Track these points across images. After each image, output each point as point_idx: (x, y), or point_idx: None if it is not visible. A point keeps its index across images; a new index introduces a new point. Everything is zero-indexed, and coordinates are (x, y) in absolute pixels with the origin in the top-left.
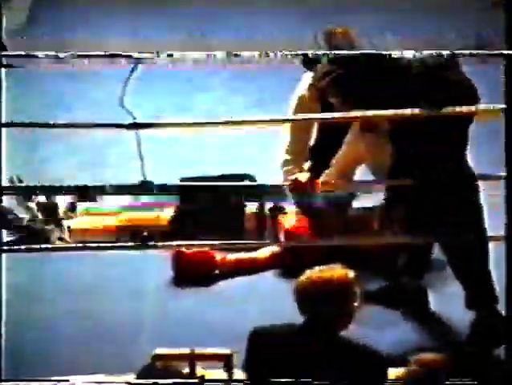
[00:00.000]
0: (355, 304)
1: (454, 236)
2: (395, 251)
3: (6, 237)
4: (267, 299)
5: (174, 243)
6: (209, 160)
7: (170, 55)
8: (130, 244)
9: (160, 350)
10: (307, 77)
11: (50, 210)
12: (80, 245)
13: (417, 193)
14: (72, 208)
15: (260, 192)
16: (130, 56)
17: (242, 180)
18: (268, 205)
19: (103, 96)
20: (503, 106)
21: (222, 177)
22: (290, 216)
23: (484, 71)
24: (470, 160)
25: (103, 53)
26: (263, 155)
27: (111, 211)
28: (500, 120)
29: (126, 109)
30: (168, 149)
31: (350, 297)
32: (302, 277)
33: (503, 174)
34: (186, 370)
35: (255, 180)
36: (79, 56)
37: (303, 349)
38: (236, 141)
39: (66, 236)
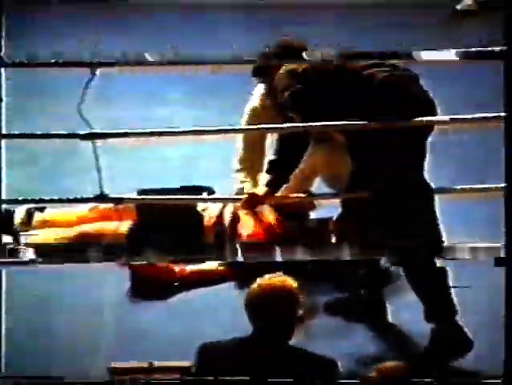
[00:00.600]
0: (300, 312)
1: (411, 249)
2: (353, 262)
3: None
4: (223, 311)
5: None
6: (168, 172)
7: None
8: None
9: (116, 364)
10: (259, 88)
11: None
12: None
13: (374, 205)
14: (28, 218)
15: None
16: (89, 64)
17: (201, 193)
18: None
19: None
20: (503, 114)
21: (181, 189)
22: (247, 221)
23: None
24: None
25: (60, 61)
26: (223, 167)
27: (69, 218)
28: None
29: (83, 118)
30: (126, 161)
31: (296, 304)
32: (251, 286)
33: (503, 185)
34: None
35: (214, 192)
36: (38, 65)
37: (252, 359)
38: (195, 153)
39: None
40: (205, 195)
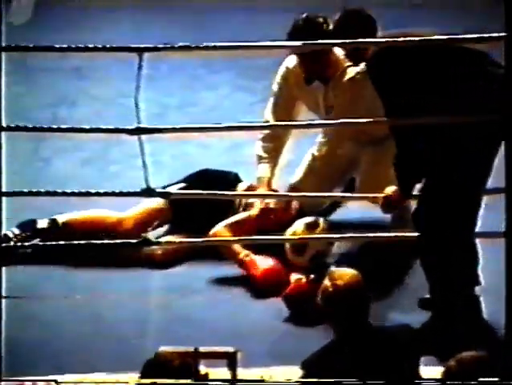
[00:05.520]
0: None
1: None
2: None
3: None
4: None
5: (178, 240)
6: (212, 160)
7: (175, 48)
8: (133, 241)
9: (164, 348)
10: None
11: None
12: (83, 242)
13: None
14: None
15: None
16: (136, 49)
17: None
18: None
19: (107, 92)
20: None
21: (204, 175)
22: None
23: None
24: None
25: (107, 45)
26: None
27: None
28: None
29: (138, 109)
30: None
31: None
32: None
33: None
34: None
35: (239, 180)
36: (82, 49)
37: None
38: (241, 141)
39: None
40: (241, 185)
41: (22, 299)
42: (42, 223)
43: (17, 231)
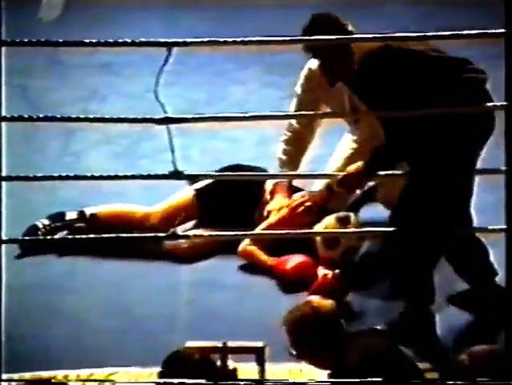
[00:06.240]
0: None
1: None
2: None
3: None
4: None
5: (206, 233)
6: (241, 155)
7: (203, 42)
8: (161, 234)
9: (191, 343)
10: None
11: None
12: (113, 235)
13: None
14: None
15: None
16: (165, 43)
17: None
18: None
19: (137, 88)
20: (504, 103)
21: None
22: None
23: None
24: None
25: (137, 40)
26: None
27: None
28: None
29: (159, 101)
30: (200, 140)
31: None
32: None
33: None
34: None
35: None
36: (111, 44)
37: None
38: (269, 136)
39: None
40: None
41: (50, 293)
42: (71, 215)
43: (46, 222)
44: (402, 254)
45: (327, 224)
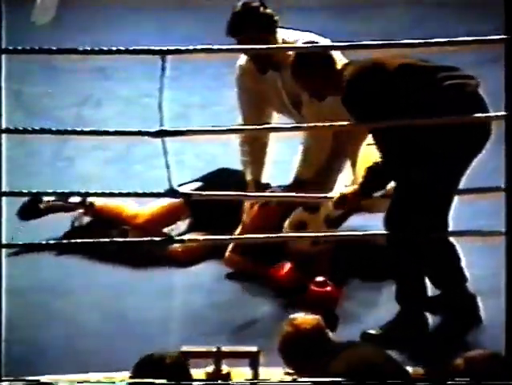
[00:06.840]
0: None
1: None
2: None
3: None
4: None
5: (201, 238)
6: (235, 159)
7: (197, 50)
8: (155, 238)
9: (186, 348)
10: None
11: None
12: (108, 240)
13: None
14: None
15: None
16: (159, 51)
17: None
18: None
19: (131, 92)
20: (503, 113)
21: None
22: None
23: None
24: None
25: (129, 48)
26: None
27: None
28: None
29: (161, 113)
30: (194, 148)
31: None
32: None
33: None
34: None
35: None
36: (105, 52)
37: None
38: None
39: None
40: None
41: (45, 296)
42: (74, 199)
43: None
44: (393, 259)
45: (295, 213)
